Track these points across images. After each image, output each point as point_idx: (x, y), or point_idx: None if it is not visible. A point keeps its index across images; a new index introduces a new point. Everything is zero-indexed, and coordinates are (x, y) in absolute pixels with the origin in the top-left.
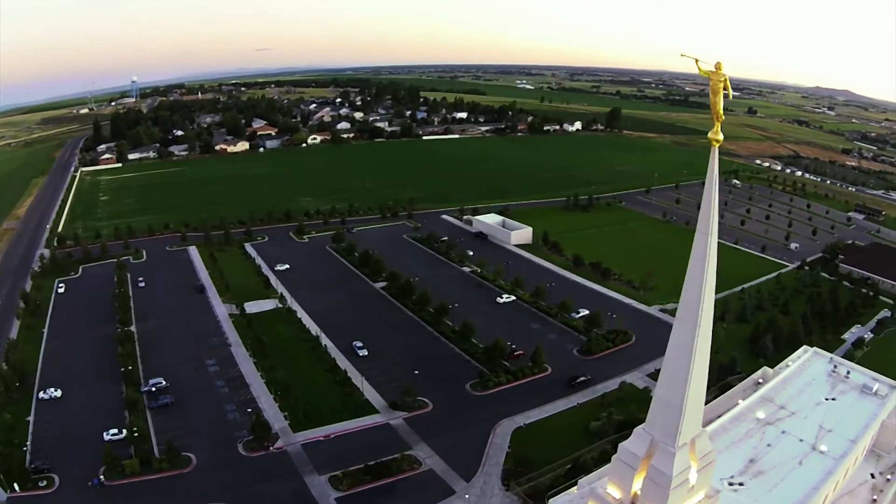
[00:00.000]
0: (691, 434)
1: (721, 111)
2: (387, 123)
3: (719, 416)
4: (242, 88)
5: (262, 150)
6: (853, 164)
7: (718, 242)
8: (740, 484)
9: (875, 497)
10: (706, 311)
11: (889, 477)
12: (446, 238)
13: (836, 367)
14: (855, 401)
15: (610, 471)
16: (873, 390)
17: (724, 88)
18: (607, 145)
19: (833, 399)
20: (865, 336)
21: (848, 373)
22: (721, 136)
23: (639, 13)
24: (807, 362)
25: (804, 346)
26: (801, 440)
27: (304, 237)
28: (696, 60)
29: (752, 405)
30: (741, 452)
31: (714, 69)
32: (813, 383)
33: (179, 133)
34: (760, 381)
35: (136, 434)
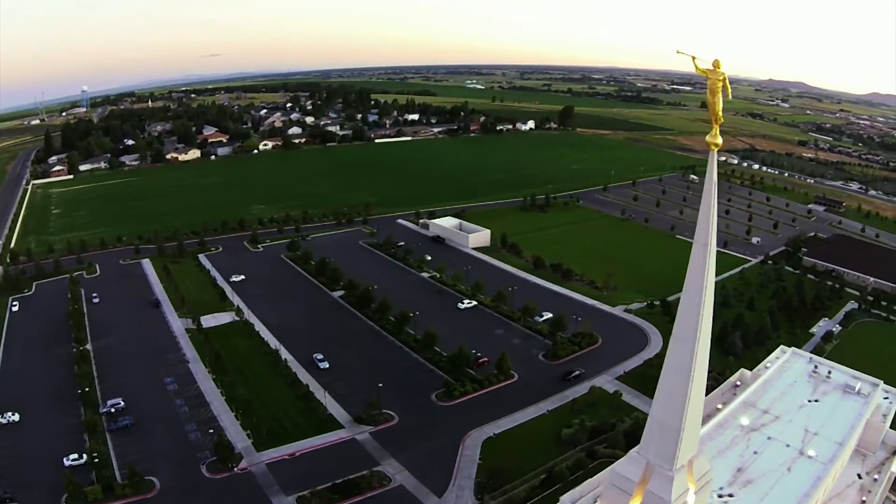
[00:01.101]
0: (689, 455)
1: (720, 112)
2: (338, 127)
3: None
4: (193, 95)
5: (213, 157)
6: (810, 155)
7: (680, 239)
8: (730, 495)
9: (864, 498)
10: (705, 328)
11: (876, 476)
12: (403, 243)
13: (816, 367)
14: (838, 401)
15: (603, 496)
16: (856, 389)
17: (724, 88)
18: (561, 143)
19: (816, 401)
20: (834, 329)
21: (829, 373)
22: (720, 140)
23: (588, 9)
24: (786, 363)
25: (781, 347)
26: (787, 445)
27: (259, 246)
28: (693, 58)
29: (735, 411)
30: (728, 462)
31: (712, 67)
32: (794, 385)
33: (130, 142)
34: (738, 383)
35: (96, 459)
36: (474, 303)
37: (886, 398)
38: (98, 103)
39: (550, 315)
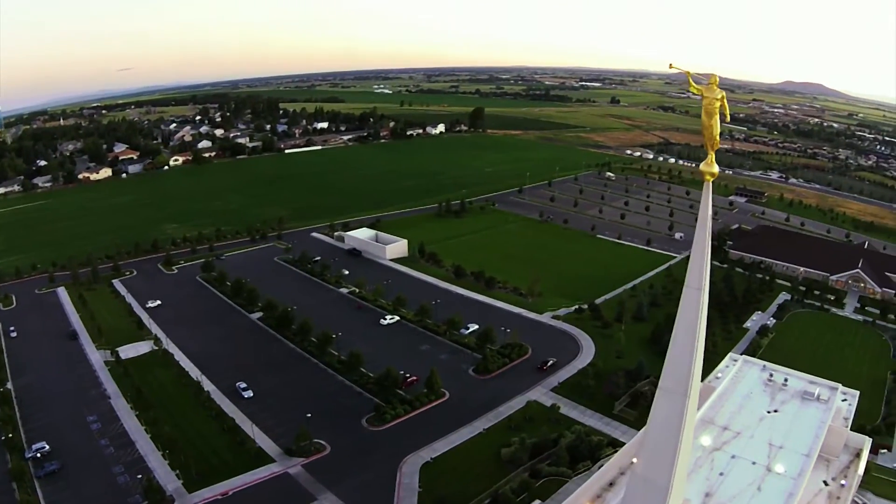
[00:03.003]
0: None
1: (717, 137)
2: (248, 139)
3: None
4: (104, 111)
5: (124, 175)
6: (726, 146)
7: (601, 239)
8: None
9: None
10: (696, 378)
11: (843, 482)
12: (319, 258)
13: (771, 375)
14: (798, 410)
15: None
16: (815, 395)
17: (721, 109)
18: (473, 146)
19: (775, 411)
20: (769, 322)
21: (786, 380)
22: (716, 169)
23: (494, 9)
24: (739, 373)
25: (731, 355)
26: (753, 463)
27: (174, 268)
28: (688, 74)
29: (695, 430)
30: (695, 487)
31: (708, 84)
32: (751, 396)
33: (43, 163)
34: None
35: None
36: (397, 318)
37: (845, 400)
38: (11, 123)
39: (476, 327)
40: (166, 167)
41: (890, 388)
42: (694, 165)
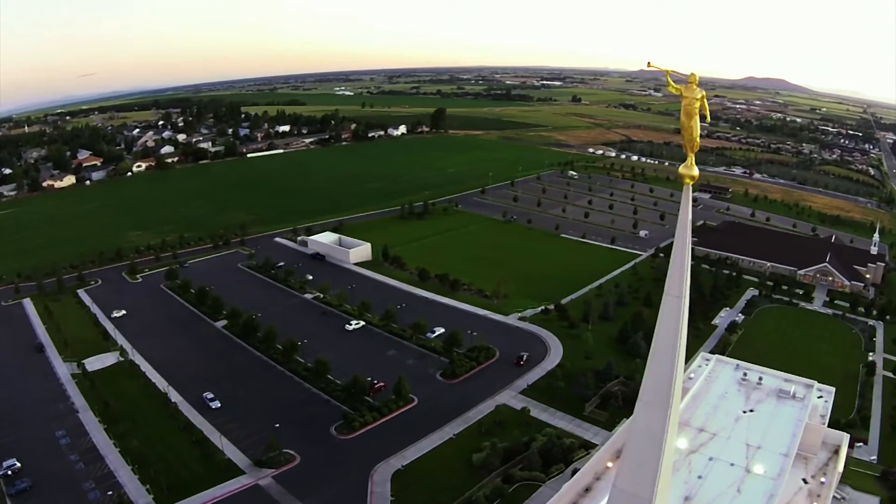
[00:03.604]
0: None
1: (697, 138)
2: (210, 144)
3: None
4: (68, 117)
5: (88, 182)
6: None
7: (565, 238)
8: None
9: (814, 502)
10: (678, 390)
11: (823, 480)
12: (283, 263)
13: (745, 374)
14: (774, 409)
15: None
16: (790, 393)
17: (701, 109)
18: (435, 147)
19: (751, 411)
20: (737, 318)
21: (760, 379)
22: (696, 171)
23: (454, 10)
24: (712, 373)
25: (703, 354)
26: (731, 464)
27: (138, 276)
28: (667, 73)
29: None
30: (674, 491)
31: (688, 83)
32: (726, 397)
33: (7, 171)
34: None
35: None
36: (362, 323)
37: (821, 397)
38: None
39: (443, 330)
40: (129, 173)
41: (863, 381)
42: (657, 162)
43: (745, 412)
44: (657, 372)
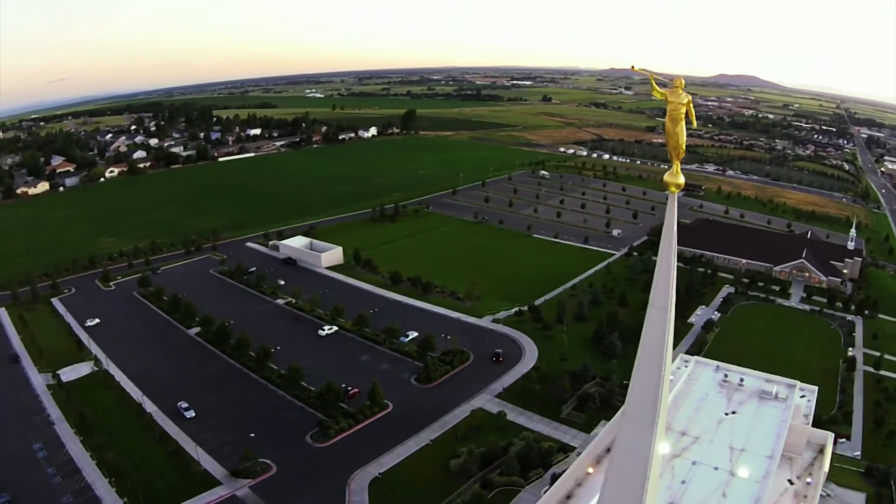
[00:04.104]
0: None
1: (682, 145)
2: (182, 148)
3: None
4: (42, 123)
5: (62, 189)
6: (660, 140)
7: (537, 239)
8: None
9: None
10: (664, 404)
11: (808, 480)
12: (255, 268)
13: (726, 375)
14: (757, 410)
15: None
16: (773, 394)
17: (687, 115)
18: (405, 148)
19: (734, 413)
20: (713, 317)
21: (741, 380)
22: (682, 179)
23: (423, 11)
24: (692, 375)
25: (682, 356)
26: (715, 468)
27: (111, 284)
28: (651, 76)
29: None
30: (658, 497)
31: (673, 88)
32: (707, 399)
33: None
34: None
35: None
36: (335, 328)
37: (804, 396)
38: None
39: (416, 334)
40: (102, 179)
41: (843, 376)
42: (629, 161)
43: (727, 414)
44: (642, 386)
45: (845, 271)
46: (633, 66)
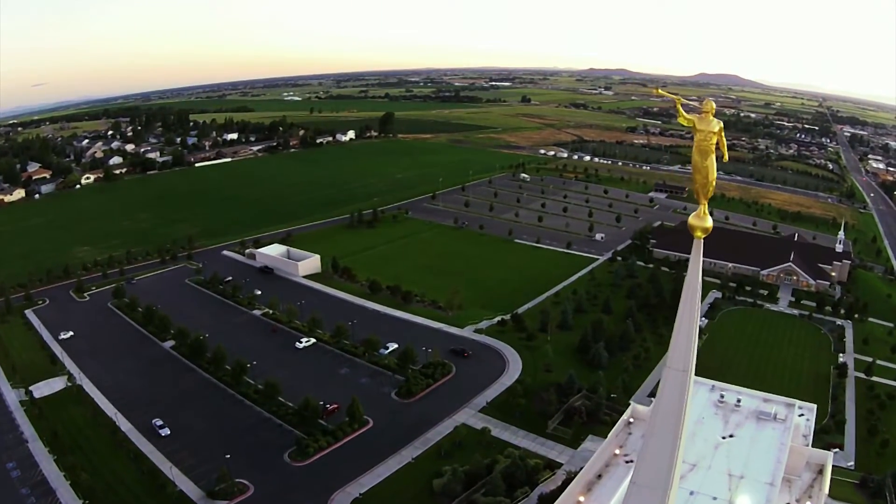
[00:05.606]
0: None
1: (713, 182)
2: (158, 153)
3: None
4: (20, 128)
5: (37, 196)
6: (642, 141)
7: (519, 244)
8: None
9: None
10: (677, 473)
11: (809, 502)
12: (231, 278)
13: (722, 395)
14: (755, 433)
15: None
16: (772, 414)
17: (718, 147)
18: (383, 152)
19: (731, 436)
20: (700, 323)
21: (738, 400)
22: (709, 223)
23: (401, 13)
24: None
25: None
26: (714, 498)
27: (85, 295)
28: (678, 101)
29: None
30: None
31: (702, 114)
32: (703, 422)
33: None
34: (631, 420)
35: None
36: (313, 340)
37: (802, 415)
38: None
39: (396, 346)
40: (78, 186)
41: (835, 383)
42: (610, 162)
43: (724, 438)
44: (656, 453)
45: (833, 274)
46: (656, 90)
